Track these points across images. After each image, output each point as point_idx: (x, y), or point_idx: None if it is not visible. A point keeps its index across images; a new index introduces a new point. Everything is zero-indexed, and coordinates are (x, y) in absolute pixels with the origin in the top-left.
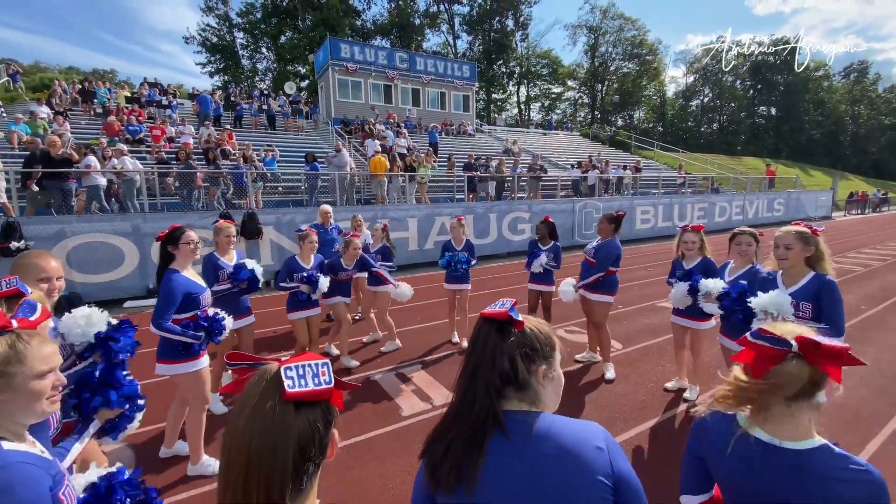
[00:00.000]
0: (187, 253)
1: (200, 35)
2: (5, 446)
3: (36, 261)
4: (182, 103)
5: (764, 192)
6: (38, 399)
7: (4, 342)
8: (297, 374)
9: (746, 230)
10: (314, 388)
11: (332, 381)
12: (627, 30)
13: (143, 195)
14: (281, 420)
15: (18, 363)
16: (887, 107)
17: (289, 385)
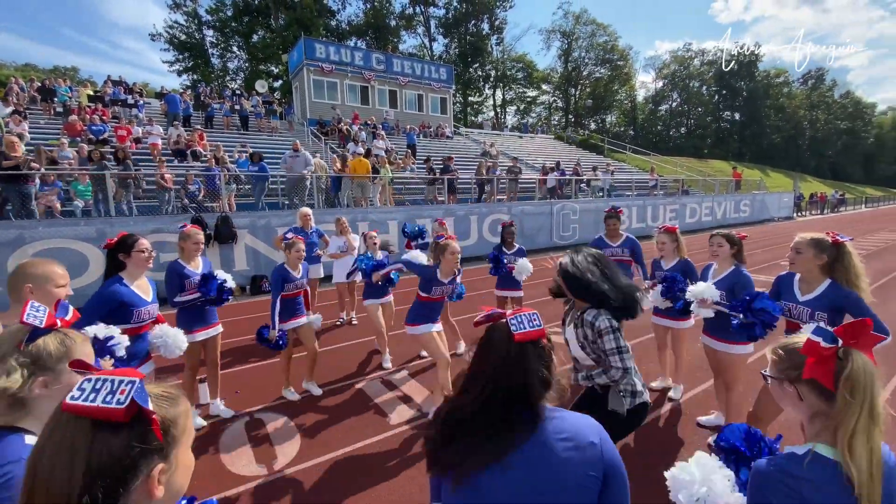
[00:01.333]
0: (140, 262)
1: (168, 32)
2: (28, 441)
3: (52, 268)
4: (149, 102)
5: (731, 193)
6: None
7: (56, 339)
8: (90, 387)
9: (720, 232)
10: (98, 406)
11: (125, 401)
12: (599, 35)
13: (110, 198)
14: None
15: (67, 359)
16: (843, 112)
17: (72, 396)
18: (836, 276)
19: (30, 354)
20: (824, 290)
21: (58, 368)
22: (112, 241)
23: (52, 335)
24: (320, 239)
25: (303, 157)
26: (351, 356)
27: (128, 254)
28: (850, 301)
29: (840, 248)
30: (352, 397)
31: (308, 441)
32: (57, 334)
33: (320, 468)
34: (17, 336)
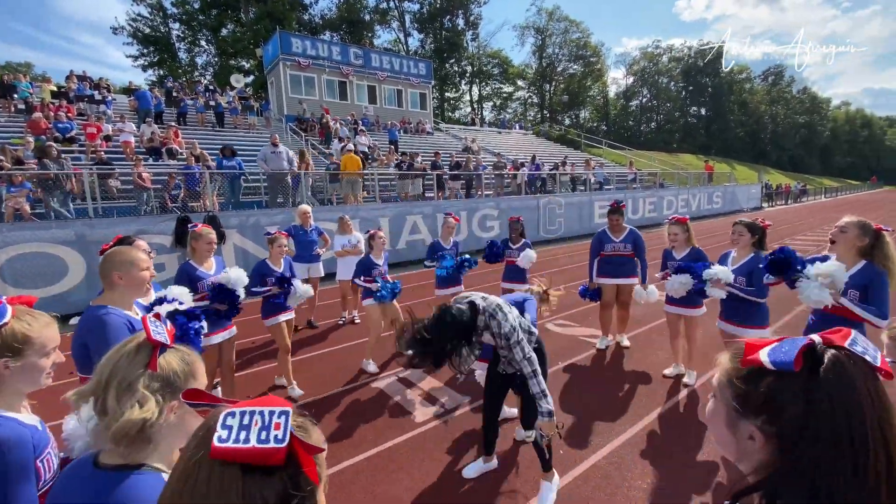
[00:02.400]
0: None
1: (131, 25)
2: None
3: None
4: (114, 98)
5: (704, 186)
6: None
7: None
8: (238, 424)
9: (742, 220)
10: (254, 447)
11: (285, 438)
12: (572, 32)
13: (88, 199)
14: (215, 487)
15: (192, 378)
16: (801, 107)
17: (219, 438)
18: (873, 258)
19: (160, 378)
20: (860, 269)
21: (187, 386)
22: (107, 245)
23: (171, 352)
24: (320, 237)
25: (284, 153)
26: (360, 355)
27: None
28: (877, 279)
29: (881, 236)
30: (372, 397)
31: (338, 443)
32: (175, 351)
33: (356, 469)
34: (142, 358)
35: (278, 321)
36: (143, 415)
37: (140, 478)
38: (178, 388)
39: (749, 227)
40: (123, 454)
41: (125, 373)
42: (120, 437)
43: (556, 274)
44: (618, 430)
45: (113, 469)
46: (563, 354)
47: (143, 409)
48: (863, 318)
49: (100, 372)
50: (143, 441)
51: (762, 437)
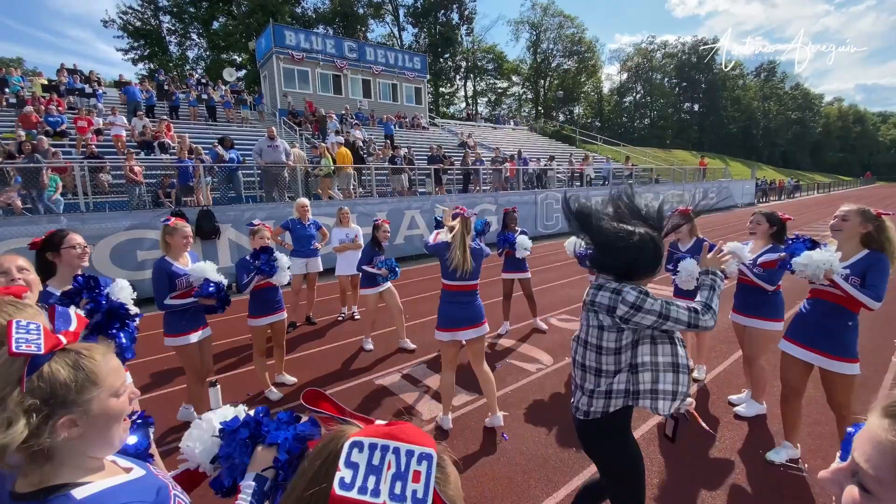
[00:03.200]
0: (72, 259)
1: (121, 18)
2: (79, 495)
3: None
4: (105, 92)
5: (699, 181)
6: (118, 421)
7: (66, 363)
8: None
9: (761, 210)
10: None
11: (426, 498)
12: (567, 27)
13: (80, 193)
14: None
15: (92, 385)
16: (793, 103)
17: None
18: (875, 245)
19: (38, 392)
20: (861, 258)
21: (83, 399)
22: (38, 239)
23: (59, 358)
24: (318, 231)
25: (281, 146)
26: (361, 351)
27: (57, 252)
28: (877, 263)
29: (882, 222)
30: (374, 393)
31: None
32: (66, 354)
33: None
34: (12, 373)
35: (260, 324)
36: (3, 440)
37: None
38: (72, 401)
39: (768, 217)
40: (29, 480)
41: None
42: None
43: (555, 268)
44: None
45: (26, 498)
46: (567, 349)
47: (7, 432)
48: (857, 300)
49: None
50: (42, 460)
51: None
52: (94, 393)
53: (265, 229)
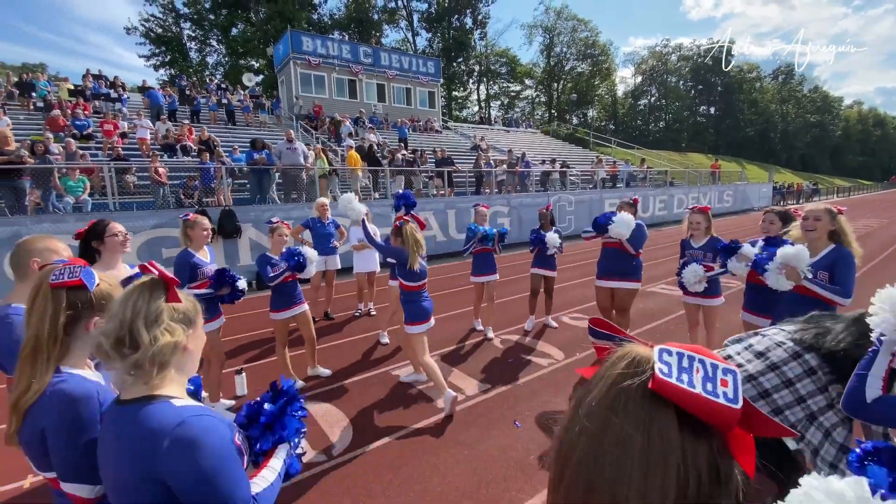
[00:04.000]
0: (115, 246)
1: (143, 25)
2: (177, 403)
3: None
4: (129, 97)
5: (715, 184)
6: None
7: (184, 296)
8: (676, 363)
9: (773, 209)
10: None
11: (738, 399)
12: (580, 31)
13: (109, 193)
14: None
15: (197, 315)
16: (812, 106)
17: (661, 371)
18: (838, 238)
19: (180, 310)
20: (828, 253)
21: (197, 323)
22: (82, 230)
23: (179, 292)
24: (336, 230)
25: (300, 149)
26: (377, 346)
27: (101, 240)
28: (842, 259)
29: (841, 218)
30: (392, 385)
31: (360, 428)
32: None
33: (383, 449)
34: (159, 294)
35: (283, 317)
36: (175, 338)
37: (155, 406)
38: (192, 320)
39: (781, 216)
40: (143, 385)
41: (148, 309)
42: (154, 361)
43: (568, 269)
44: None
45: (133, 403)
46: (578, 346)
47: (174, 335)
48: (827, 299)
49: (118, 314)
50: (163, 368)
51: None
52: (200, 321)
53: (283, 226)
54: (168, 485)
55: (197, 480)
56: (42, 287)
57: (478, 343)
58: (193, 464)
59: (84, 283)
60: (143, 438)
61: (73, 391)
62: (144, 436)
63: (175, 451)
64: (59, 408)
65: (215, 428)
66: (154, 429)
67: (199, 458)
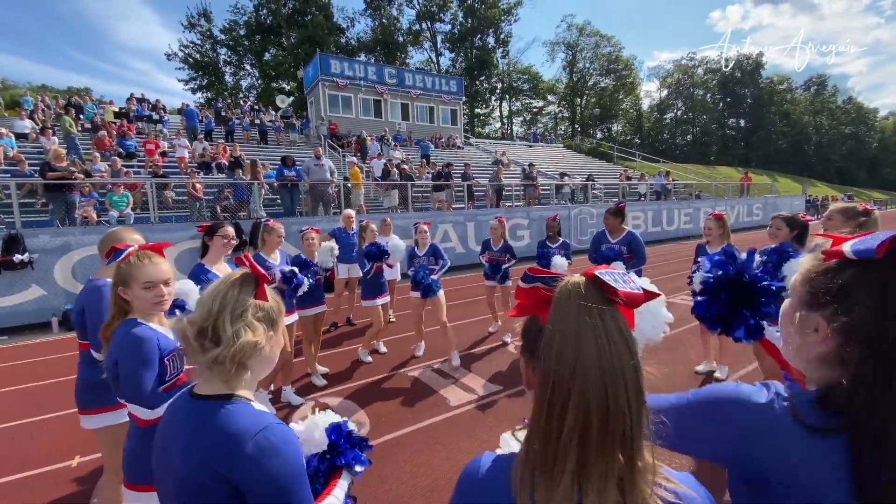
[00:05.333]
0: (219, 247)
1: (183, 51)
2: (256, 407)
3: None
4: (168, 119)
5: (743, 197)
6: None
7: (271, 294)
8: (611, 279)
9: (780, 214)
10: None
11: (640, 288)
12: (603, 46)
13: (151, 207)
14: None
15: (279, 313)
16: (846, 117)
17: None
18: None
19: (265, 309)
20: None
21: (278, 324)
22: (203, 226)
23: (268, 290)
24: None
25: (326, 165)
26: (395, 349)
27: (210, 237)
28: None
29: (806, 226)
30: (409, 384)
31: (377, 421)
32: (270, 290)
33: (398, 441)
34: (249, 289)
35: (308, 314)
36: (257, 338)
37: (236, 407)
38: (274, 321)
39: (788, 222)
40: (222, 383)
41: (235, 303)
42: (234, 358)
43: None
44: None
45: (208, 399)
46: None
47: (256, 334)
48: None
49: (206, 304)
50: (242, 369)
51: (826, 329)
52: (282, 323)
53: (312, 231)
54: (241, 490)
55: (274, 488)
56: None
57: (493, 347)
58: (273, 471)
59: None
60: (225, 439)
61: (136, 332)
62: (227, 436)
63: (256, 457)
64: (125, 343)
65: (294, 439)
66: (236, 431)
67: (279, 467)
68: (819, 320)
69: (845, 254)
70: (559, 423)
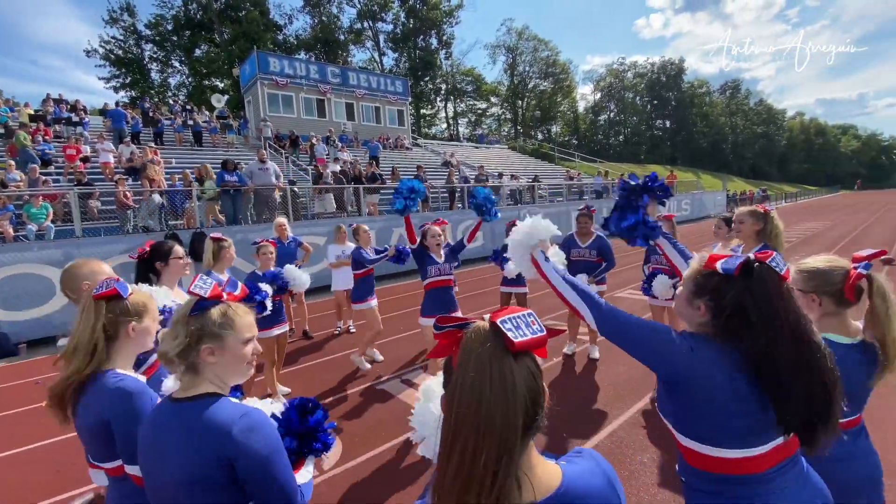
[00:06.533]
0: (178, 269)
1: (103, 47)
2: (233, 401)
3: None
4: (89, 120)
5: (674, 194)
6: (243, 361)
7: (219, 310)
8: (513, 325)
9: (722, 215)
10: (534, 336)
11: (544, 329)
12: (541, 50)
13: (75, 219)
14: (508, 372)
15: (230, 328)
16: (758, 118)
17: (512, 335)
18: (768, 240)
19: (196, 322)
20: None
21: (223, 335)
22: (143, 249)
23: (218, 306)
24: (299, 247)
25: (272, 169)
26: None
27: (166, 262)
28: None
29: (769, 216)
30: (378, 398)
31: (349, 440)
32: (221, 305)
33: (369, 465)
34: (187, 307)
35: (271, 334)
36: (167, 347)
37: (221, 402)
38: (213, 334)
39: (726, 221)
40: (184, 388)
41: (176, 317)
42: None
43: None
44: (614, 415)
45: (185, 400)
46: (554, 351)
47: (174, 342)
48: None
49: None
50: (194, 372)
51: (705, 308)
52: (230, 334)
53: (269, 245)
54: (234, 465)
55: (261, 458)
56: (87, 301)
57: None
58: (258, 444)
59: (119, 293)
60: (215, 425)
61: (132, 387)
62: (216, 423)
63: (244, 433)
64: (122, 401)
65: (269, 421)
66: (224, 418)
67: (263, 440)
68: (701, 303)
69: (718, 269)
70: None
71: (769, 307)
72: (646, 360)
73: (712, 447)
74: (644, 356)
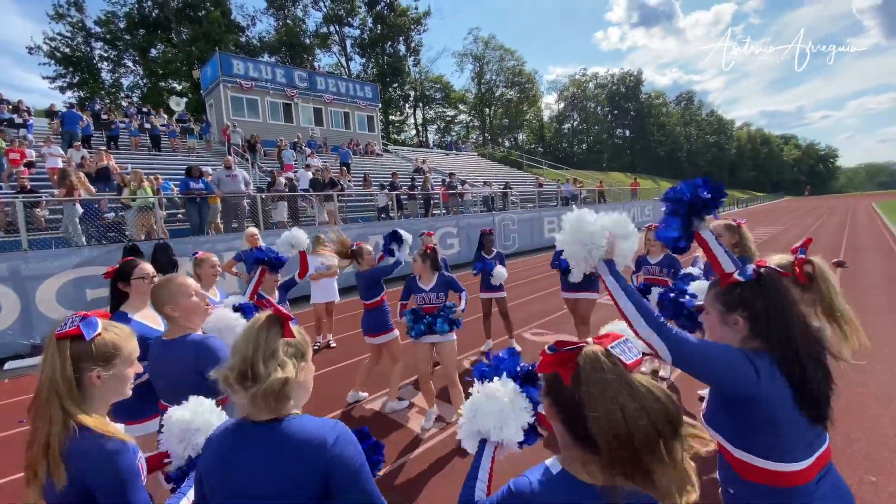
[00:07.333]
0: (142, 289)
1: (48, 45)
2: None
3: None
4: (33, 122)
5: (637, 200)
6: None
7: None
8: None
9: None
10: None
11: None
12: (507, 60)
13: (22, 230)
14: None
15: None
16: (710, 128)
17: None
18: (740, 249)
19: (293, 345)
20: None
21: (307, 352)
22: (112, 268)
23: (293, 325)
24: None
25: (240, 176)
26: (342, 379)
27: (127, 282)
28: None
29: (741, 228)
30: (367, 414)
31: None
32: (295, 325)
33: None
34: (276, 330)
35: None
36: (287, 374)
37: (299, 419)
38: (304, 353)
39: (728, 229)
40: (272, 410)
41: (266, 344)
42: (269, 394)
43: (523, 285)
44: None
45: (270, 422)
46: None
47: (286, 370)
48: None
49: (240, 350)
50: (285, 398)
51: (742, 321)
52: (310, 353)
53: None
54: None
55: (354, 469)
56: (50, 341)
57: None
58: (354, 453)
59: (81, 333)
60: (310, 438)
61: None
62: (311, 436)
63: (342, 442)
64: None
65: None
66: (316, 431)
67: (355, 450)
68: (736, 317)
69: (738, 279)
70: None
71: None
72: (715, 382)
73: (771, 461)
74: (714, 379)
